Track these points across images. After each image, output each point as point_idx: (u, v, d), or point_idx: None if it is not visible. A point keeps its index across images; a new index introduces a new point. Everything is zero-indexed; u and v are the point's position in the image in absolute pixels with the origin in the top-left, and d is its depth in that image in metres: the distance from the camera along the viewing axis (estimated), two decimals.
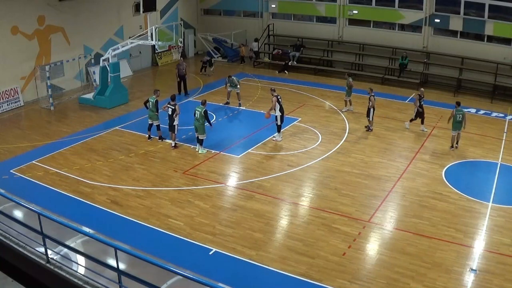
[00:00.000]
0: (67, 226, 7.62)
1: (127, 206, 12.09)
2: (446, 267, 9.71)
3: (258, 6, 28.50)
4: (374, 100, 17.08)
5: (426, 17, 23.64)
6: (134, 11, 21.43)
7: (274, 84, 23.15)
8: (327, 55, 26.69)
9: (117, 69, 19.94)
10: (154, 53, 26.90)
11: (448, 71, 23.10)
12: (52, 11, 20.93)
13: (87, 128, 17.52)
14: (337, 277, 9.44)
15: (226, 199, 12.75)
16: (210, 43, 29.47)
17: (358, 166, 14.45)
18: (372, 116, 17.20)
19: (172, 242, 10.61)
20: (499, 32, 21.82)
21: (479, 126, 17.97)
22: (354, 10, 25.49)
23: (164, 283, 6.99)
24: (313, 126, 17.58)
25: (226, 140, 16.53)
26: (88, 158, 14.93)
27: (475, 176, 14.06)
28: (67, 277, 7.48)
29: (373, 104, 17.07)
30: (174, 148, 15.66)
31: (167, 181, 13.52)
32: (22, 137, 16.68)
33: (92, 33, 23.10)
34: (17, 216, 8.85)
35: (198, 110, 15.06)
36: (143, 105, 16.55)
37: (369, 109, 17.13)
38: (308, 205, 12.39)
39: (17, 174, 13.76)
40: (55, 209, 9.92)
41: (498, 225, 11.31)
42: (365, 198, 12.63)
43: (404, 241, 10.68)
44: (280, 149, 15.69)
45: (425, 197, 12.66)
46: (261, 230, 11.08)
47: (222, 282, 7.25)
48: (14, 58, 19.66)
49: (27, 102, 20.43)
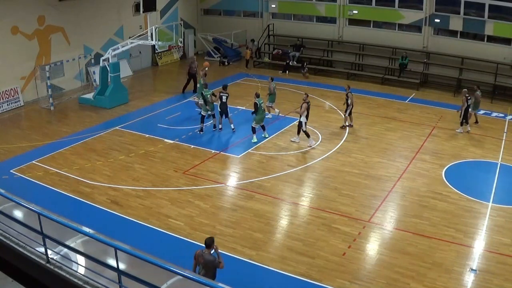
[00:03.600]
0: (67, 226, 7.61)
1: (127, 206, 12.09)
2: (446, 267, 9.71)
3: (258, 6, 28.49)
4: (351, 96, 17.19)
5: (426, 17, 23.64)
6: (134, 11, 21.44)
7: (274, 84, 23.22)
8: (327, 55, 26.69)
9: (117, 69, 19.94)
10: (154, 53, 26.90)
11: (448, 71, 23.10)
12: (52, 11, 20.94)
13: (87, 128, 17.52)
14: (337, 277, 9.44)
15: (226, 199, 12.75)
16: (210, 43, 29.48)
17: (358, 166, 14.45)
18: (349, 112, 17.39)
19: (172, 242, 10.61)
20: (499, 32, 21.82)
21: (479, 126, 17.96)
22: (354, 10, 25.48)
23: (164, 283, 6.99)
24: (313, 126, 17.57)
25: (226, 140, 16.53)
26: (88, 158, 14.93)
27: (475, 176, 14.06)
28: (67, 277, 7.47)
29: (351, 101, 17.16)
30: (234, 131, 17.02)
31: (167, 181, 13.52)
32: (22, 137, 16.68)
33: (92, 33, 23.10)
34: (17, 216, 8.84)
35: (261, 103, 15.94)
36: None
37: (348, 106, 17.27)
38: (308, 205, 12.39)
39: (17, 174, 13.76)
40: (55, 209, 9.88)
41: (498, 225, 11.32)
42: (365, 198, 12.64)
43: (404, 241, 10.68)
44: (280, 149, 15.69)
45: (425, 197, 12.66)
46: (261, 230, 11.09)
47: (222, 282, 7.25)
48: (14, 58, 19.65)
49: (27, 102, 20.44)
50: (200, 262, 7.81)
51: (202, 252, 7.82)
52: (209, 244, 7.81)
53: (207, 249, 7.82)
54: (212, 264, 7.71)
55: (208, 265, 7.72)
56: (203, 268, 7.81)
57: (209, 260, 7.70)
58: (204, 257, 7.74)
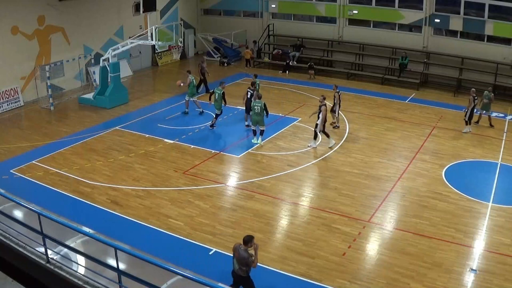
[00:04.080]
0: (67, 226, 7.61)
1: (127, 206, 12.09)
2: (446, 267, 9.71)
3: (258, 6, 28.50)
4: (338, 96, 17.22)
5: (426, 17, 23.64)
6: (134, 11, 21.42)
7: (274, 84, 23.28)
8: (327, 55, 26.70)
9: (117, 69, 19.95)
10: (154, 53, 26.91)
11: (448, 71, 23.10)
12: (52, 11, 20.94)
13: (87, 128, 17.52)
14: (337, 277, 9.44)
15: (226, 199, 12.75)
16: (210, 43, 29.48)
17: (358, 166, 14.45)
18: (337, 112, 17.44)
19: (172, 242, 10.61)
20: (499, 32, 21.83)
21: (479, 126, 17.96)
22: (354, 10, 25.48)
23: (164, 283, 6.99)
24: (313, 126, 17.56)
25: (226, 140, 16.54)
26: (88, 158, 14.93)
27: (475, 176, 14.05)
28: (67, 277, 7.48)
29: (337, 100, 17.22)
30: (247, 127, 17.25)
31: (167, 181, 13.52)
32: (22, 137, 16.68)
33: (92, 33, 23.11)
34: (17, 216, 8.84)
35: (257, 105, 15.66)
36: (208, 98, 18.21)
37: (335, 105, 17.30)
38: (308, 205, 12.39)
39: (17, 174, 13.76)
40: (55, 209, 9.91)
41: (498, 225, 11.32)
42: (365, 198, 12.63)
43: (404, 241, 10.68)
44: (280, 149, 15.69)
45: (425, 197, 12.66)
46: (261, 230, 11.08)
47: (222, 282, 7.25)
48: (14, 58, 19.67)
49: (27, 102, 20.44)
50: (235, 256, 8.06)
51: (238, 247, 8.01)
52: (247, 241, 7.99)
53: (244, 245, 7.98)
54: (245, 261, 7.91)
55: (241, 261, 7.95)
56: (237, 262, 8.04)
57: (243, 256, 7.92)
58: (239, 252, 7.96)
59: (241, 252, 7.95)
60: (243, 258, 7.92)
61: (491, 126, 17.68)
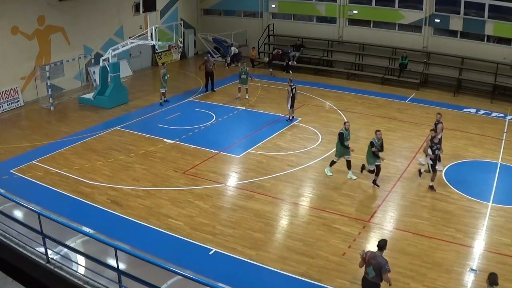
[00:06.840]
0: (67, 226, 7.63)
1: (127, 206, 12.09)
2: (446, 267, 9.71)
3: (258, 6, 28.48)
4: (290, 89, 17.49)
5: (426, 17, 23.63)
6: (134, 11, 21.40)
7: (274, 84, 23.27)
8: (327, 55, 26.69)
9: (117, 69, 19.94)
10: (154, 53, 26.89)
11: (448, 71, 23.09)
12: (52, 11, 20.93)
13: (87, 128, 17.52)
14: (337, 277, 9.44)
15: (226, 199, 12.75)
16: (210, 43, 29.46)
17: (358, 166, 14.42)
18: (291, 105, 17.71)
19: (172, 242, 10.61)
20: (499, 32, 21.82)
21: (479, 126, 17.97)
22: (354, 10, 25.47)
23: (164, 283, 7.00)
24: (313, 126, 17.58)
25: (226, 140, 16.53)
26: (88, 158, 14.92)
27: (475, 176, 14.04)
28: (67, 277, 7.49)
29: (292, 94, 17.48)
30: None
31: (167, 181, 13.52)
32: (22, 137, 16.67)
33: (92, 33, 23.09)
34: (17, 216, 8.86)
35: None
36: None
37: (289, 98, 17.52)
38: (308, 205, 12.39)
39: (17, 174, 13.76)
40: (55, 209, 9.93)
41: (498, 225, 11.31)
42: (365, 198, 12.64)
43: (404, 241, 10.68)
44: (280, 149, 15.69)
45: (425, 197, 12.66)
46: (261, 230, 11.08)
47: (222, 282, 7.26)
48: (14, 58, 19.65)
49: (27, 102, 20.43)
50: (371, 263, 7.71)
51: (375, 254, 7.74)
52: (382, 246, 7.77)
53: (379, 250, 7.76)
54: (382, 266, 7.60)
55: (378, 266, 7.62)
56: (373, 269, 7.70)
57: (382, 263, 7.61)
58: (377, 259, 7.64)
59: (379, 259, 7.63)
60: (380, 264, 7.60)
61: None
